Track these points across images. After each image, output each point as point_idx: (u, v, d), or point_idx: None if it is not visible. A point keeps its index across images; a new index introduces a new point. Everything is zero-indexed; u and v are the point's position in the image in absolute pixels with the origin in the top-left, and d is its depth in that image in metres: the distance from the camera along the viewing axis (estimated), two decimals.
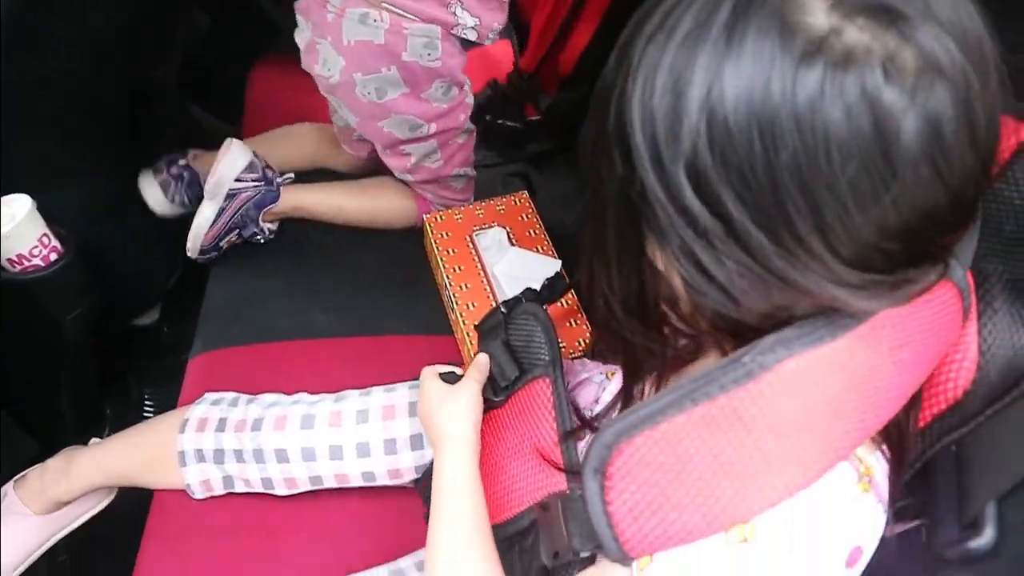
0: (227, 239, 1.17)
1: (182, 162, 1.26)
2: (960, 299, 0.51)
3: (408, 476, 0.86)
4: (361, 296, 1.16)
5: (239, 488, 0.88)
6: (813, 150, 0.38)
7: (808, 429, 0.45)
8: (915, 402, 0.54)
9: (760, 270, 0.41)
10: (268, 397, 0.89)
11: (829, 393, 0.46)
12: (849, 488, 0.47)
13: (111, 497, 0.98)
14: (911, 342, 0.49)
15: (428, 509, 0.86)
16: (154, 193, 1.24)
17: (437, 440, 0.70)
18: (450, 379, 0.75)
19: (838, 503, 0.47)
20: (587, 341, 0.99)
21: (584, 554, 0.55)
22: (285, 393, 0.92)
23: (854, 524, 0.48)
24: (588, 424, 0.67)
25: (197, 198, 1.18)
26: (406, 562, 0.82)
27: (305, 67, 1.08)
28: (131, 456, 0.92)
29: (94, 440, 0.97)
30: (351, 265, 1.21)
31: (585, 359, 0.85)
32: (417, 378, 0.79)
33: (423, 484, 0.85)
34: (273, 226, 1.21)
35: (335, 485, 0.87)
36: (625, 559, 0.49)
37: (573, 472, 0.62)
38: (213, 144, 1.20)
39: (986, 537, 0.52)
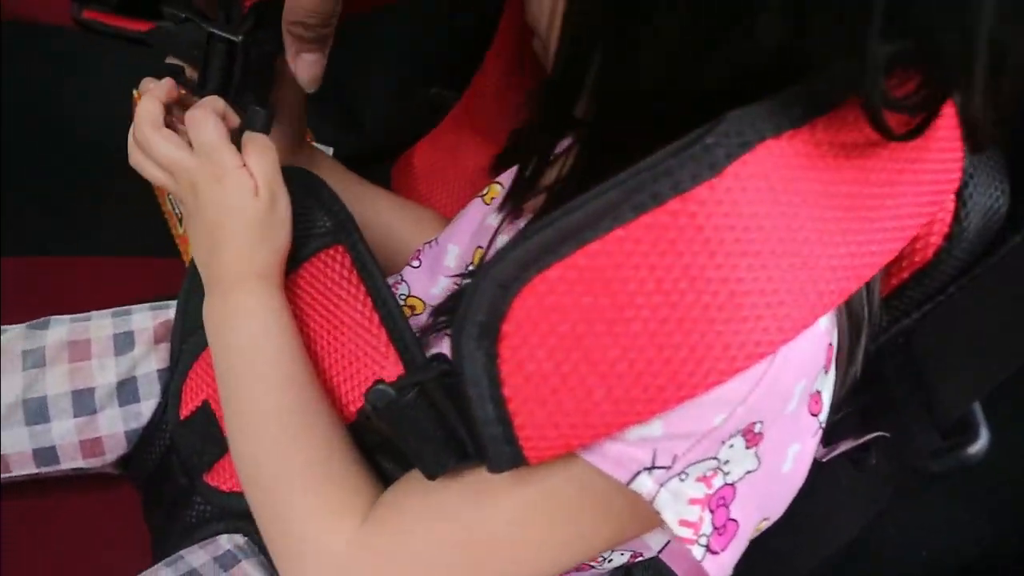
0: None
1: None
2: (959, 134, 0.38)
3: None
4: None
5: None
6: None
7: (788, 253, 0.29)
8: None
9: None
10: None
11: (815, 196, 0.30)
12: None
13: None
14: (916, 162, 0.35)
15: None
16: None
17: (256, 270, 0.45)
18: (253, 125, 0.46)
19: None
20: None
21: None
22: None
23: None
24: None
25: None
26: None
27: None
28: None
29: None
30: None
31: None
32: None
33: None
34: None
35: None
36: (519, 464, 0.31)
37: (413, 363, 0.42)
38: None
39: (982, 440, 0.40)
